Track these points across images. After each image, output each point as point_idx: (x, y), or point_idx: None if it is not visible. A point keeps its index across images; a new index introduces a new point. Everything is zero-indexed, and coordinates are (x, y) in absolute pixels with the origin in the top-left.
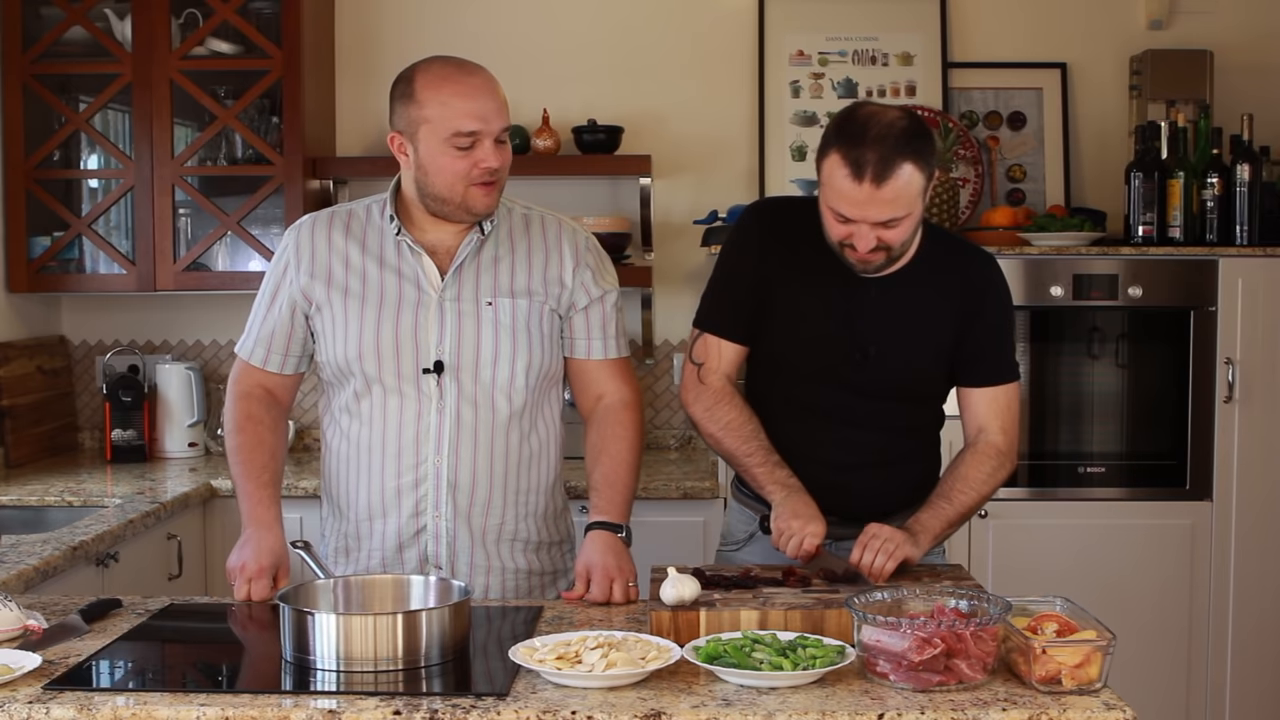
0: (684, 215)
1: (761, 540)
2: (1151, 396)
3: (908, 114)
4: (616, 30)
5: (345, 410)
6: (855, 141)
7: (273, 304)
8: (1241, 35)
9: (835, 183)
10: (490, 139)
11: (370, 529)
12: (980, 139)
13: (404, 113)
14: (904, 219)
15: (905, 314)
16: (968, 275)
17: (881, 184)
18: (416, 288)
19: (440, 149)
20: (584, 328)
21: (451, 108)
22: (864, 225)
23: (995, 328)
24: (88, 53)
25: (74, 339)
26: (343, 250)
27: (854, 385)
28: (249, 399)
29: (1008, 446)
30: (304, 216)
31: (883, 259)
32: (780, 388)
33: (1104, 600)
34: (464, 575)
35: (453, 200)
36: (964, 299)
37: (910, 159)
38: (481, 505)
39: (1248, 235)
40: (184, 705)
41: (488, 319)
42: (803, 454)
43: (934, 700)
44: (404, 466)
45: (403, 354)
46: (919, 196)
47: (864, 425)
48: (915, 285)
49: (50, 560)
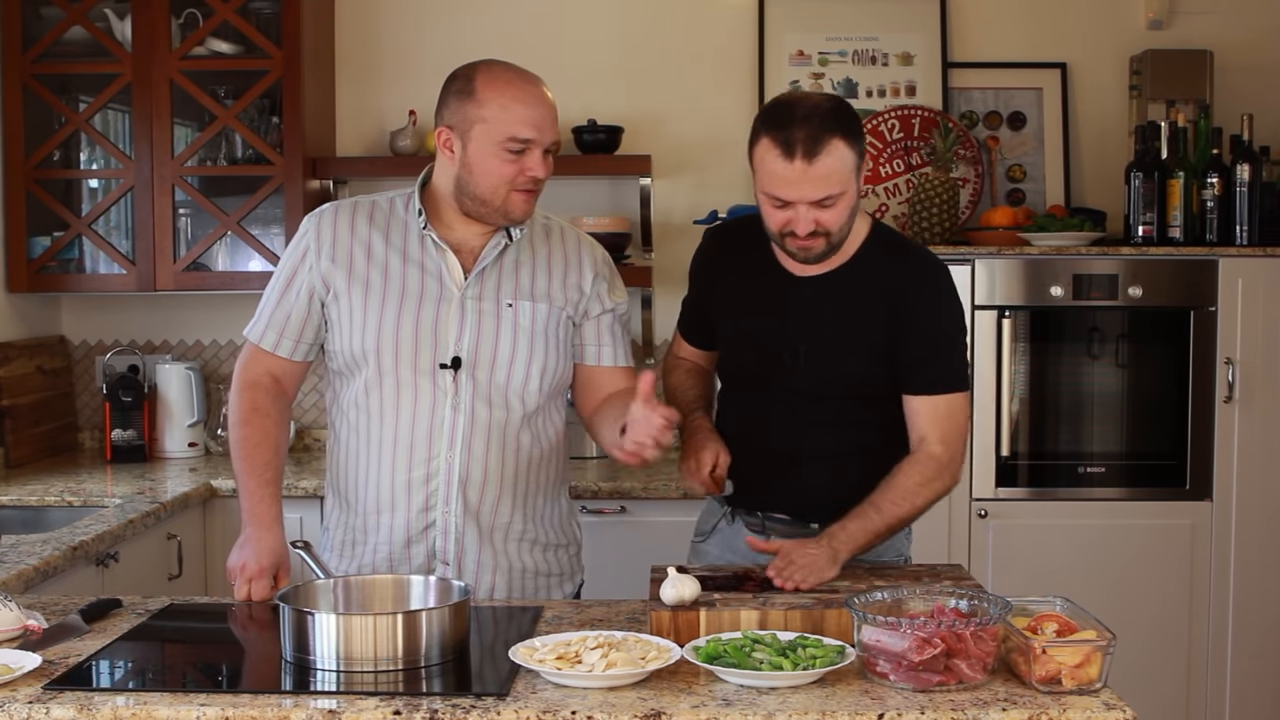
0: (684, 215)
1: (723, 532)
2: (1151, 396)
3: (832, 96)
4: (616, 30)
5: (354, 402)
6: (783, 123)
7: (289, 288)
8: (1241, 35)
9: (767, 165)
10: (540, 149)
11: (378, 522)
12: (980, 139)
13: (459, 109)
14: (839, 198)
15: (836, 313)
16: (904, 279)
17: (813, 159)
18: (439, 283)
19: (492, 150)
20: (595, 335)
21: (511, 112)
22: (801, 206)
23: (932, 335)
24: (88, 53)
25: (74, 339)
26: (366, 239)
27: (791, 383)
28: (256, 389)
29: (948, 458)
30: (325, 205)
31: (823, 245)
32: (734, 385)
33: (1104, 600)
34: (471, 572)
35: (493, 203)
36: (899, 303)
37: (839, 135)
38: (491, 503)
39: (1248, 235)
40: (184, 705)
41: (507, 320)
42: (753, 446)
43: (934, 700)
44: (415, 460)
45: (421, 348)
46: (852, 175)
47: (810, 422)
48: (849, 285)
49: (50, 560)
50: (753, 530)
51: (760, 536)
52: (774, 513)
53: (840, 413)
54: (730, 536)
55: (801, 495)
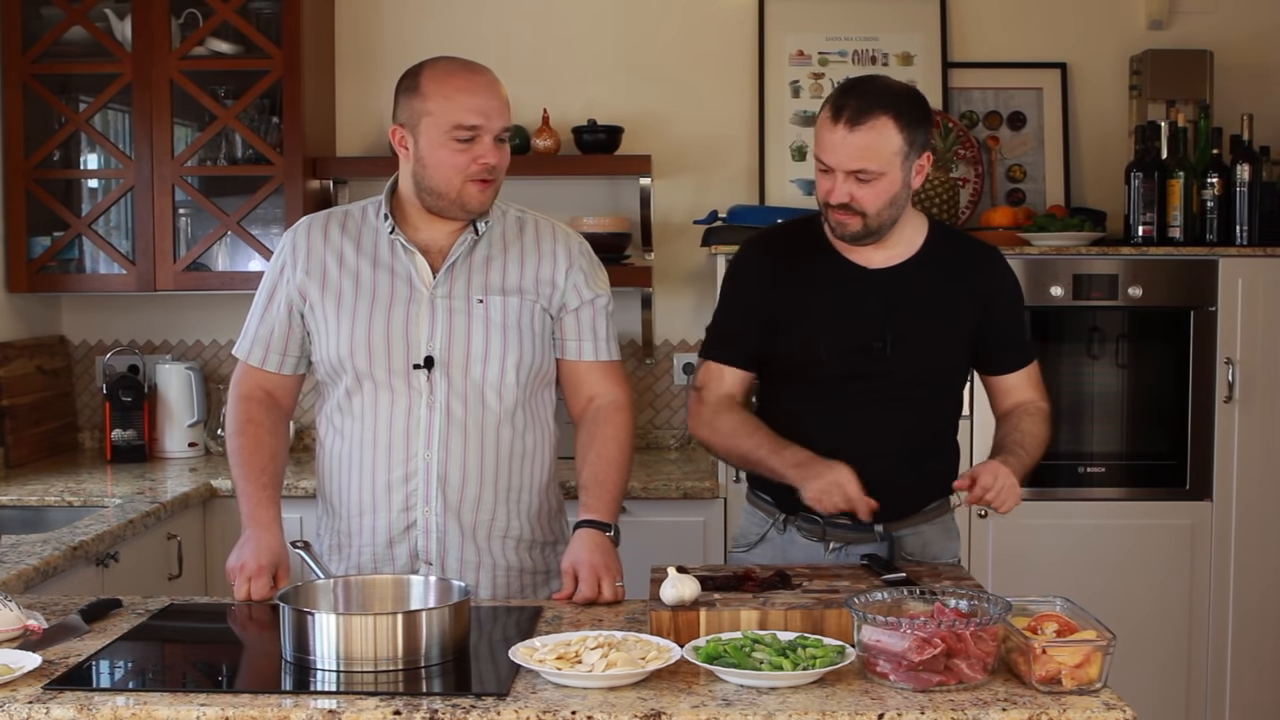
0: (684, 215)
1: (773, 541)
2: (1151, 396)
3: (909, 85)
4: (616, 30)
5: (338, 408)
6: (846, 90)
7: (270, 303)
8: (1241, 35)
9: (819, 129)
10: (490, 136)
11: (361, 525)
12: (980, 139)
13: (407, 105)
14: (877, 178)
15: (919, 301)
16: (980, 267)
17: (855, 127)
18: (409, 285)
19: (440, 141)
20: (574, 329)
21: (454, 101)
22: (840, 175)
23: (1017, 318)
24: (88, 53)
25: (74, 339)
26: (338, 248)
27: (881, 372)
28: (249, 401)
29: (1049, 407)
30: (302, 218)
31: (859, 225)
32: (799, 395)
33: (1104, 600)
34: (454, 571)
35: (448, 195)
36: (982, 290)
37: (890, 114)
38: (472, 501)
39: (1248, 235)
40: (184, 705)
41: (478, 316)
42: (824, 451)
43: (934, 700)
44: (394, 461)
45: (393, 349)
46: (897, 159)
47: (883, 418)
48: (926, 274)
49: (50, 560)
50: (810, 537)
51: (820, 543)
52: (836, 517)
53: (914, 404)
54: (783, 545)
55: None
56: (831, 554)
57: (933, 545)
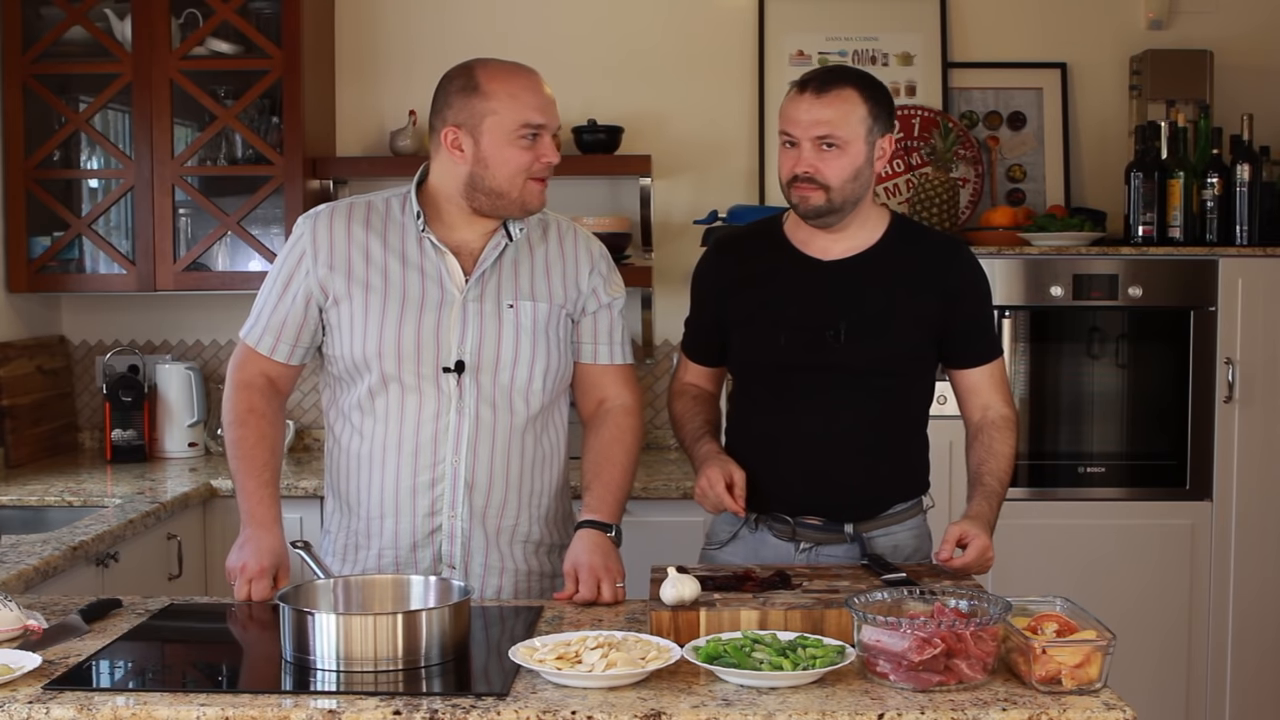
0: (684, 215)
1: (744, 539)
2: (1151, 396)
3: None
4: (616, 30)
5: (358, 407)
6: (811, 72)
7: (285, 292)
8: (1241, 35)
9: (784, 106)
10: (549, 134)
11: (381, 526)
12: (980, 139)
13: (465, 105)
14: (841, 146)
15: (876, 289)
16: (941, 257)
17: (821, 94)
18: (440, 287)
19: (507, 140)
20: (591, 332)
21: (521, 100)
22: (805, 144)
23: (980, 309)
24: (88, 53)
25: (74, 339)
26: (363, 244)
27: (834, 360)
28: (250, 389)
29: (1014, 416)
30: (319, 206)
31: (823, 199)
32: (762, 386)
33: (1104, 600)
34: (477, 576)
35: (510, 194)
36: (943, 280)
37: (854, 85)
38: (497, 506)
39: (1248, 235)
40: (184, 705)
41: (509, 321)
42: (785, 443)
43: (934, 700)
44: (421, 465)
45: (424, 353)
46: (860, 129)
47: (845, 406)
48: (884, 263)
49: (50, 560)
50: (781, 537)
51: (790, 543)
52: (806, 517)
53: (875, 395)
54: (754, 544)
55: (834, 493)
56: (802, 554)
57: (904, 548)
